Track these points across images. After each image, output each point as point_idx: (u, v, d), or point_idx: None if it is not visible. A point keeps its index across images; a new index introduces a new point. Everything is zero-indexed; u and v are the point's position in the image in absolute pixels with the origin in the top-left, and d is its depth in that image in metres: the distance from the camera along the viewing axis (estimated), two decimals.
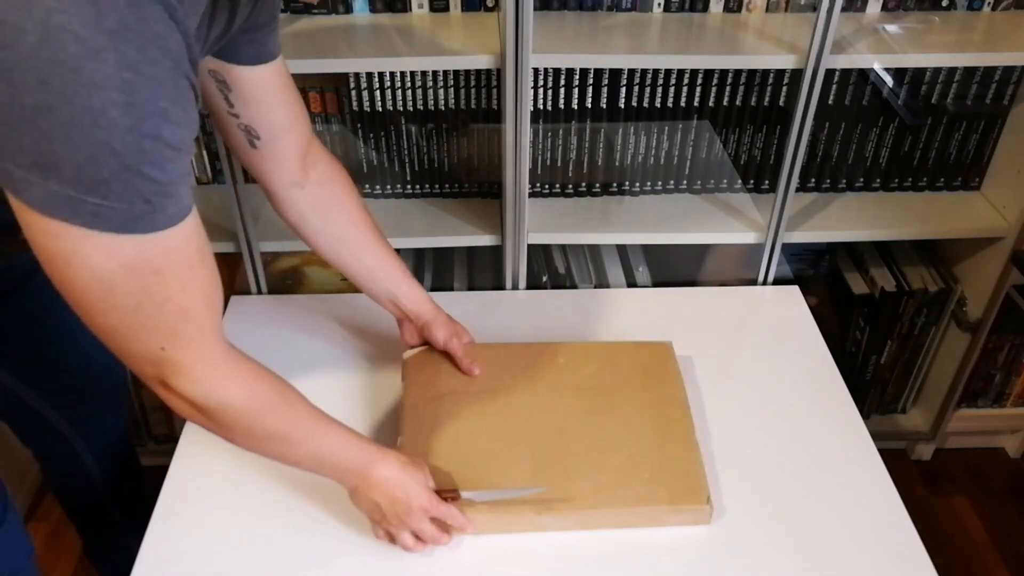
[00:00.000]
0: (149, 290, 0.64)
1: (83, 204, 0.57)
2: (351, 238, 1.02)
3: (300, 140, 0.94)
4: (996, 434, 1.74)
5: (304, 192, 0.97)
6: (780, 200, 1.28)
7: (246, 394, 0.76)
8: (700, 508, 0.95)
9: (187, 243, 0.65)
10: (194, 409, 0.74)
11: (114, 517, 1.26)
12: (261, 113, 0.89)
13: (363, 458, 0.86)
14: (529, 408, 1.04)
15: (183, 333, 0.68)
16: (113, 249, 0.60)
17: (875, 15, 1.30)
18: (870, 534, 0.96)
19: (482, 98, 1.32)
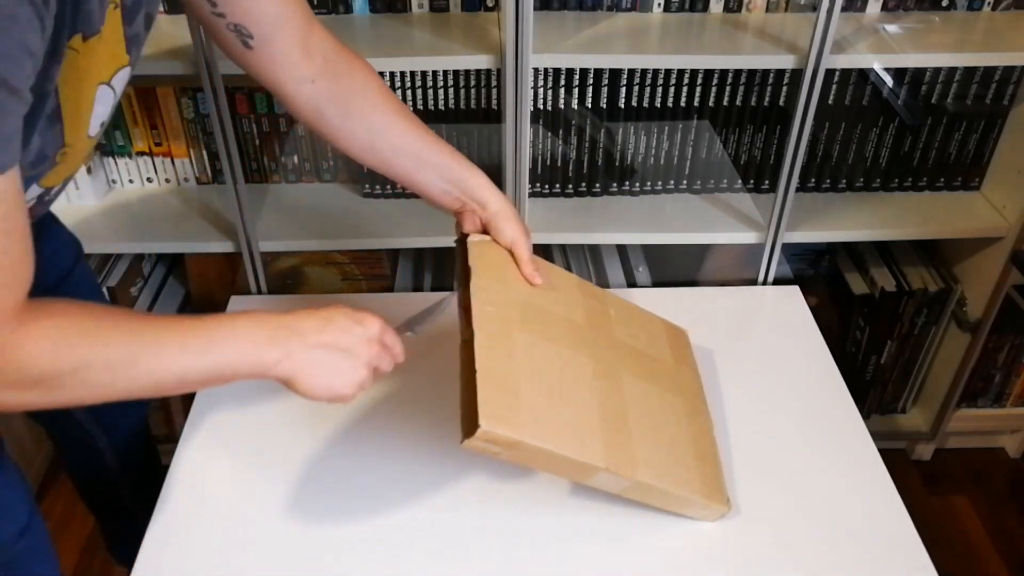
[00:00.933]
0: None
1: None
2: (382, 125, 0.86)
3: (298, 30, 0.82)
4: (996, 434, 1.74)
5: (316, 86, 0.84)
6: (780, 200, 1.28)
7: (48, 340, 0.60)
8: (720, 508, 0.95)
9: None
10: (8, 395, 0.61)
11: (133, 509, 1.26)
12: (247, 8, 0.78)
13: (263, 316, 0.70)
14: (592, 352, 0.93)
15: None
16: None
17: (875, 15, 1.30)
18: (870, 534, 0.96)
19: (482, 98, 1.32)
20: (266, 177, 1.43)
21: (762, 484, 1.02)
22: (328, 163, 1.43)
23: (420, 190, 0.91)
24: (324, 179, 1.44)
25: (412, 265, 1.48)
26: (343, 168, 1.43)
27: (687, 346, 1.11)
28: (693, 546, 0.95)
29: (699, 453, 0.97)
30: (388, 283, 1.46)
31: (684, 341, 1.12)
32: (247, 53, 0.81)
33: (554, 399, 0.85)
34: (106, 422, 1.17)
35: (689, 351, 1.11)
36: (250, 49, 0.81)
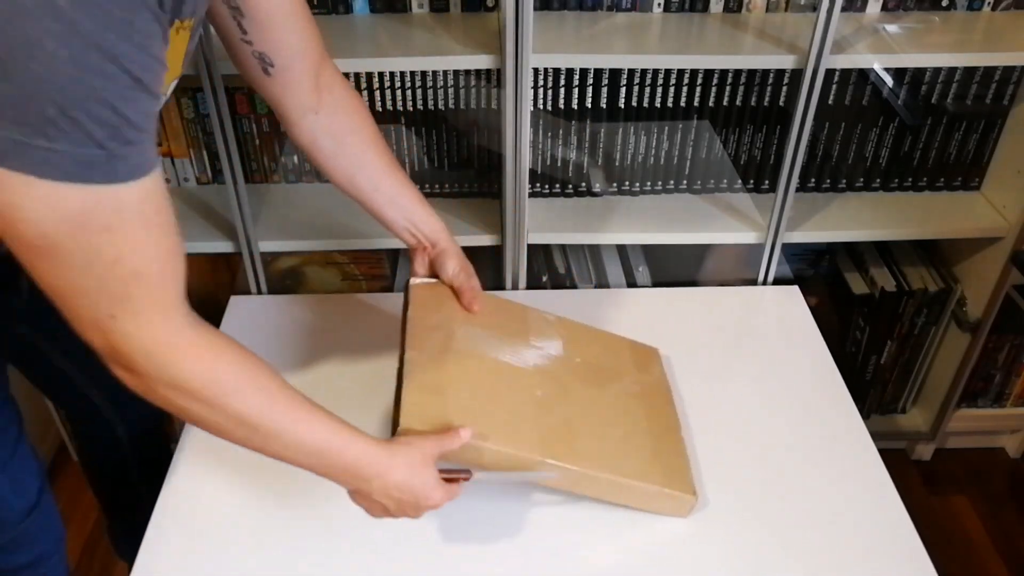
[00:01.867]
0: (98, 248, 0.58)
1: (30, 149, 0.53)
2: (366, 163, 0.98)
3: (313, 64, 0.91)
4: (996, 434, 1.74)
5: (318, 118, 0.94)
6: (780, 200, 1.28)
7: (203, 372, 0.68)
8: (686, 497, 0.95)
9: (144, 200, 0.60)
10: (146, 386, 0.67)
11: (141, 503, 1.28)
12: (274, 38, 0.86)
13: (364, 458, 0.78)
14: (534, 363, 1.00)
15: (135, 299, 0.62)
16: (58, 200, 0.55)
17: (875, 15, 1.30)
18: (870, 534, 0.96)
19: (482, 98, 1.32)
20: (266, 177, 1.43)
21: (762, 484, 1.02)
22: None
23: (383, 222, 1.02)
24: (324, 179, 1.44)
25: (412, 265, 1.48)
26: None
27: (655, 361, 1.12)
28: (693, 546, 0.95)
29: (659, 448, 0.98)
30: (388, 283, 1.46)
31: (653, 358, 1.13)
32: (264, 78, 0.89)
33: (485, 401, 0.91)
34: (125, 412, 1.19)
35: (657, 365, 1.12)
36: (268, 76, 0.89)
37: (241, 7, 0.83)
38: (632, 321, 1.27)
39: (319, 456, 0.76)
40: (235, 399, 0.70)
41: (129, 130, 0.56)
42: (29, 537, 1.00)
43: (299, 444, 0.75)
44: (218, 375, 0.69)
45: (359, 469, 0.78)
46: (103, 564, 1.52)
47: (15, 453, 0.95)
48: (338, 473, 0.78)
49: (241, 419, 0.71)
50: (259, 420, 0.72)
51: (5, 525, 0.97)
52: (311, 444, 0.75)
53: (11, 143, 0.52)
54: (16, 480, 0.96)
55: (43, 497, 1.00)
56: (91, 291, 0.61)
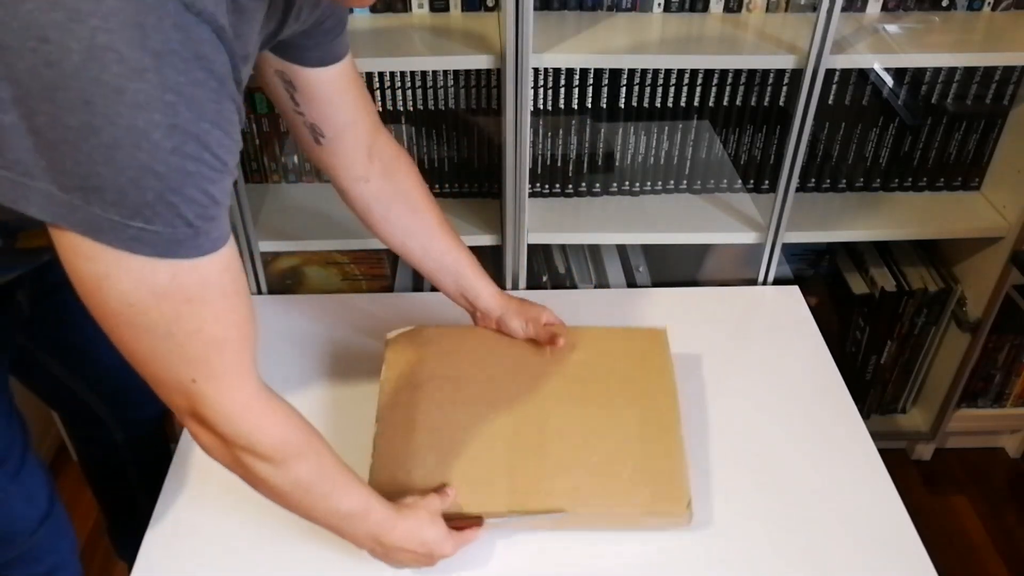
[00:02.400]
0: (180, 318, 0.62)
1: (127, 229, 0.56)
2: (416, 229, 1.01)
3: (365, 136, 0.94)
4: (996, 434, 1.74)
5: (369, 185, 0.97)
6: (780, 200, 1.28)
7: (278, 435, 0.73)
8: (679, 514, 0.93)
9: (223, 271, 0.63)
10: (222, 447, 0.71)
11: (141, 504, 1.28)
12: (326, 113, 0.89)
13: (378, 524, 0.83)
14: (511, 399, 1.01)
15: (214, 365, 0.66)
16: (146, 273, 0.58)
17: (875, 15, 1.30)
18: (870, 534, 0.96)
19: (482, 98, 1.32)
20: (266, 177, 1.43)
21: (762, 484, 1.02)
22: None
23: (440, 288, 1.06)
24: (324, 179, 1.44)
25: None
26: None
27: (661, 348, 1.09)
28: (693, 546, 0.95)
29: (649, 459, 0.95)
30: (388, 283, 1.46)
31: (659, 344, 1.10)
32: (316, 147, 0.92)
33: (452, 462, 0.95)
34: (123, 417, 1.20)
35: (663, 352, 1.09)
36: (320, 145, 0.92)
37: (293, 81, 0.85)
38: (632, 321, 1.27)
39: (349, 519, 0.81)
40: (296, 463, 0.75)
41: (214, 208, 0.60)
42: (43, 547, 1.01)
43: (337, 508, 0.80)
44: (288, 438, 0.74)
45: (379, 533, 0.83)
46: (103, 564, 1.52)
47: (24, 464, 0.95)
48: (360, 536, 0.83)
49: (299, 482, 0.76)
50: (312, 483, 0.77)
51: (19, 536, 0.98)
52: (346, 508, 0.80)
53: (108, 222, 0.55)
54: (27, 491, 0.97)
55: (54, 506, 1.01)
56: (172, 357, 0.64)
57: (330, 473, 0.79)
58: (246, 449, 0.71)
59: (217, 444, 0.71)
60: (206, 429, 0.70)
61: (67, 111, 0.52)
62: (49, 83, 0.51)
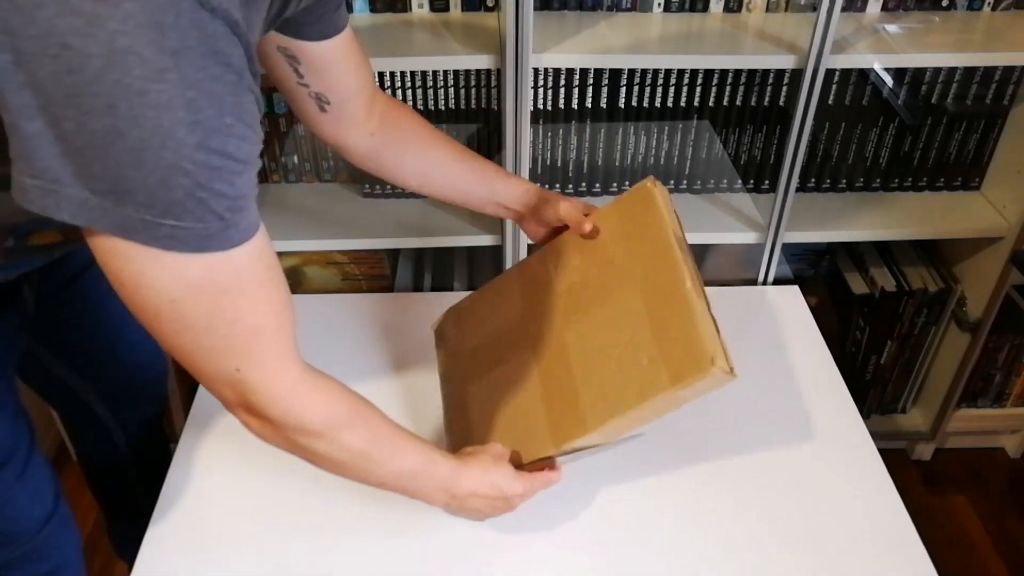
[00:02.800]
0: (219, 310, 0.63)
1: (160, 227, 0.56)
2: (433, 161, 1.00)
3: (367, 96, 0.95)
4: (996, 434, 1.74)
5: (375, 138, 0.97)
6: (780, 200, 1.28)
7: (325, 411, 0.74)
8: (707, 373, 0.81)
9: (256, 260, 0.64)
10: (275, 432, 0.72)
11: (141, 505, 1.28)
12: (331, 81, 0.90)
13: (446, 476, 0.83)
14: (532, 339, 0.97)
15: (256, 353, 0.67)
16: (182, 269, 0.59)
17: (875, 15, 1.30)
18: (870, 534, 0.96)
19: (482, 98, 1.32)
20: (266, 177, 1.43)
21: (762, 484, 1.02)
22: (328, 163, 1.43)
23: (477, 210, 1.04)
24: (324, 179, 1.44)
25: (412, 265, 1.48)
26: (343, 168, 1.43)
27: (648, 207, 0.95)
28: (693, 545, 0.95)
29: (663, 335, 0.86)
30: (388, 283, 1.46)
31: (645, 203, 0.96)
32: (321, 115, 0.92)
33: (499, 423, 0.95)
34: (123, 417, 1.20)
35: (651, 211, 0.94)
36: (325, 112, 0.92)
37: (298, 55, 0.86)
38: None
39: (413, 478, 0.82)
40: (349, 433, 0.75)
41: (242, 200, 0.60)
42: (48, 546, 1.01)
43: (400, 470, 0.81)
44: (335, 413, 0.75)
45: (448, 485, 0.83)
46: (103, 564, 1.52)
47: (29, 462, 0.95)
48: (430, 491, 0.83)
49: (355, 451, 0.76)
50: (369, 450, 0.78)
51: (25, 535, 0.98)
52: (409, 468, 0.81)
53: (141, 222, 0.56)
54: (33, 490, 0.97)
55: (59, 505, 1.01)
56: (215, 349, 0.65)
57: (386, 437, 0.80)
58: (298, 430, 0.72)
59: (269, 430, 0.72)
60: (257, 417, 0.71)
61: (92, 116, 0.52)
62: (72, 89, 0.51)
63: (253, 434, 0.73)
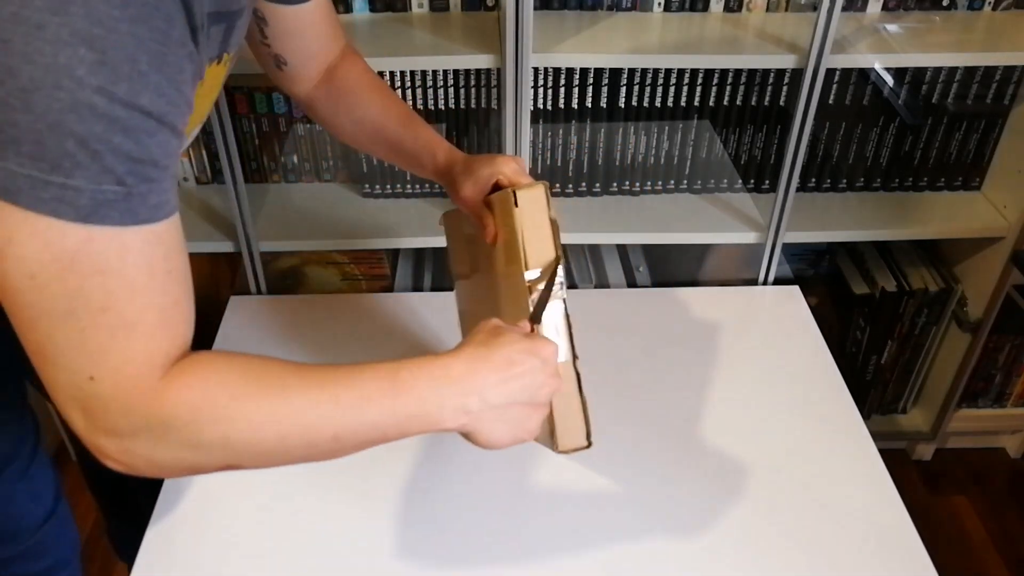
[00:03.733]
0: (86, 293, 0.51)
1: (47, 187, 0.48)
2: (365, 117, 0.94)
3: (327, 61, 0.93)
4: (996, 434, 1.74)
5: (317, 89, 0.95)
6: (780, 200, 1.28)
7: (190, 395, 0.56)
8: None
9: (155, 244, 0.53)
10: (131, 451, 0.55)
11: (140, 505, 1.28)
12: (292, 46, 0.89)
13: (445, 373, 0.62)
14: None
15: (119, 353, 0.53)
16: (53, 237, 0.49)
17: (875, 15, 1.30)
18: (870, 534, 0.96)
19: (482, 98, 1.32)
20: (266, 177, 1.43)
21: (762, 484, 1.01)
22: (328, 163, 1.43)
23: (412, 170, 0.95)
24: (324, 179, 1.44)
25: (412, 265, 1.48)
26: (343, 168, 1.43)
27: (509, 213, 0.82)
28: (693, 546, 0.94)
29: None
30: (388, 283, 1.46)
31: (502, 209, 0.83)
32: (278, 71, 0.91)
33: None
34: None
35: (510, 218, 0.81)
36: (281, 71, 0.91)
37: (266, 17, 0.84)
38: (632, 321, 1.26)
39: (387, 411, 0.61)
40: (237, 403, 0.57)
41: (151, 167, 0.52)
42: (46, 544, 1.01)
43: (354, 414, 0.60)
44: (208, 390, 0.57)
45: (443, 386, 0.62)
46: (102, 564, 1.52)
47: (33, 461, 0.95)
48: (427, 411, 0.61)
49: (257, 422, 0.57)
50: (277, 409, 0.58)
51: (23, 532, 0.98)
52: (350, 394, 0.61)
53: (26, 180, 0.48)
54: (34, 488, 0.97)
55: (59, 505, 1.01)
56: (72, 347, 0.52)
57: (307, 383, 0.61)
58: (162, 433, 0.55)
59: (125, 455, 0.56)
60: (111, 437, 0.55)
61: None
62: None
63: (115, 465, 0.56)
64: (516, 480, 1.01)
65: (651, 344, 1.21)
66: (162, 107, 0.52)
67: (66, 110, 0.47)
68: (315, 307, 1.28)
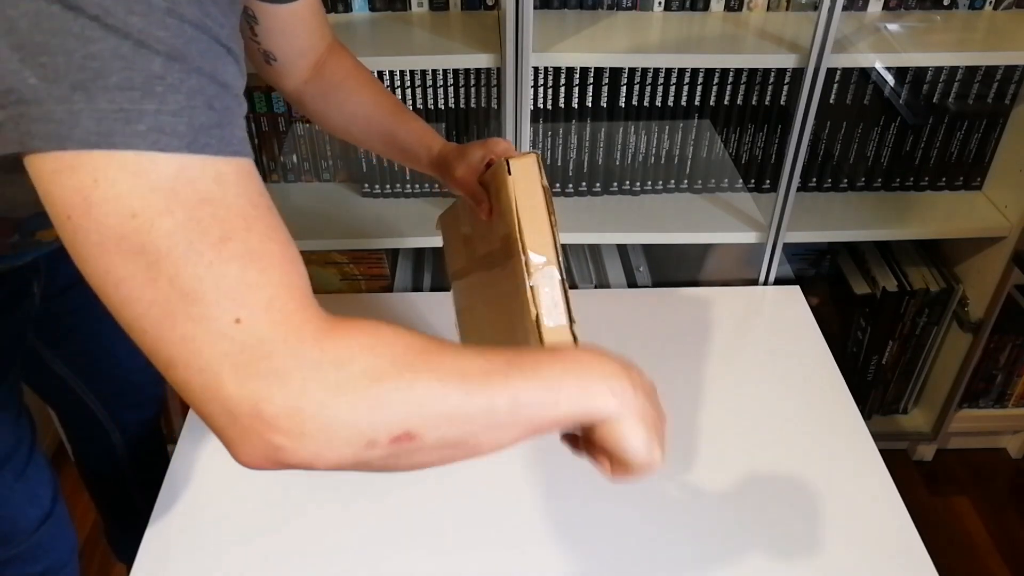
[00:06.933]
0: (200, 224, 0.45)
1: (141, 117, 0.44)
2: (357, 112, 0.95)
3: (317, 57, 0.94)
4: (997, 434, 1.74)
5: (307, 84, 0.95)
6: (781, 199, 1.28)
7: (366, 335, 0.50)
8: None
9: (247, 178, 0.48)
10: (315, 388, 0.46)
11: (138, 506, 1.28)
12: (281, 43, 0.89)
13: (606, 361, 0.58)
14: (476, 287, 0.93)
15: (262, 287, 0.46)
16: (144, 166, 0.44)
17: (876, 14, 1.30)
18: (871, 535, 0.96)
19: (482, 97, 1.32)
20: (265, 177, 1.43)
21: (762, 484, 1.01)
22: (327, 162, 1.42)
23: (405, 162, 0.97)
24: (323, 178, 1.44)
25: (412, 265, 1.48)
26: (342, 167, 1.43)
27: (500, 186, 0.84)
28: (692, 545, 0.94)
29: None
30: (387, 283, 1.45)
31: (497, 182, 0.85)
32: (266, 66, 0.91)
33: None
34: (121, 418, 1.20)
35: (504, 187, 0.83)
36: (270, 66, 0.91)
37: (257, 15, 0.85)
38: (632, 321, 1.26)
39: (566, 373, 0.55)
40: (427, 356, 0.50)
41: (230, 96, 0.48)
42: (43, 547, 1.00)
43: (534, 377, 0.53)
44: (385, 338, 0.50)
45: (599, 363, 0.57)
46: (101, 565, 1.51)
47: (29, 462, 0.95)
48: (595, 378, 0.56)
49: (448, 374, 0.50)
50: (470, 366, 0.51)
51: (20, 535, 0.97)
52: (544, 365, 0.55)
53: (119, 116, 0.44)
54: (32, 489, 0.96)
55: (56, 506, 1.00)
56: (205, 286, 0.45)
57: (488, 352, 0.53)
58: (354, 378, 0.47)
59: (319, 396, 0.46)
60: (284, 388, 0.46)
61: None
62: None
63: (278, 438, 0.46)
64: (515, 478, 1.01)
65: (651, 344, 1.21)
66: (225, 38, 0.48)
67: (144, 32, 0.44)
68: None
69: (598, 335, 1.22)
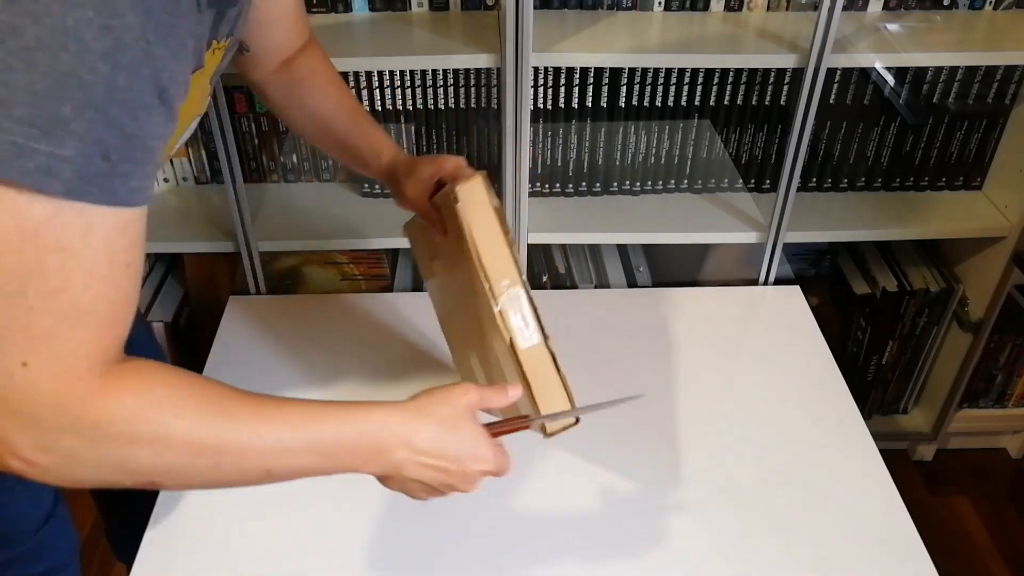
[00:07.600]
0: (43, 271, 0.48)
1: (33, 155, 0.46)
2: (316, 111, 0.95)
3: (289, 53, 0.93)
4: (998, 435, 1.74)
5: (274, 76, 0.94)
6: (781, 200, 1.28)
7: (132, 402, 0.54)
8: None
9: (121, 232, 0.51)
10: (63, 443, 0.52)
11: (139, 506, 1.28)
12: (257, 35, 0.88)
13: (379, 432, 0.63)
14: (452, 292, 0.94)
15: (63, 342, 0.50)
16: (20, 205, 0.46)
17: (876, 14, 1.30)
18: (871, 535, 0.96)
19: (482, 98, 1.32)
20: (265, 177, 1.43)
21: (763, 484, 1.01)
22: (327, 162, 1.42)
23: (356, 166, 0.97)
24: (323, 179, 1.44)
25: (411, 265, 1.48)
26: (342, 168, 1.43)
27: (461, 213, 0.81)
28: (693, 545, 0.94)
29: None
30: (387, 283, 1.45)
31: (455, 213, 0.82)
32: (236, 54, 0.89)
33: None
34: None
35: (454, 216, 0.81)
36: (242, 55, 0.90)
37: None
38: (632, 321, 1.26)
39: (312, 449, 0.61)
40: (180, 421, 0.55)
41: (139, 147, 0.50)
42: (45, 547, 1.00)
43: (281, 446, 0.59)
44: (151, 401, 0.55)
45: (372, 442, 0.63)
46: (101, 565, 1.51)
47: None
48: (348, 459, 0.63)
49: (196, 444, 0.56)
50: (219, 435, 0.57)
51: (22, 535, 0.97)
52: (295, 438, 0.60)
53: (13, 148, 0.46)
54: (33, 490, 0.96)
55: (58, 506, 1.00)
56: (13, 328, 0.49)
57: (244, 412, 0.58)
58: (95, 434, 0.52)
59: (64, 450, 0.52)
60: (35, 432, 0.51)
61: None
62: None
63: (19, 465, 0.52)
64: (515, 477, 1.01)
65: (651, 344, 1.21)
66: (164, 82, 0.50)
67: (67, 74, 0.46)
68: (314, 307, 1.28)
69: (598, 335, 1.23)
